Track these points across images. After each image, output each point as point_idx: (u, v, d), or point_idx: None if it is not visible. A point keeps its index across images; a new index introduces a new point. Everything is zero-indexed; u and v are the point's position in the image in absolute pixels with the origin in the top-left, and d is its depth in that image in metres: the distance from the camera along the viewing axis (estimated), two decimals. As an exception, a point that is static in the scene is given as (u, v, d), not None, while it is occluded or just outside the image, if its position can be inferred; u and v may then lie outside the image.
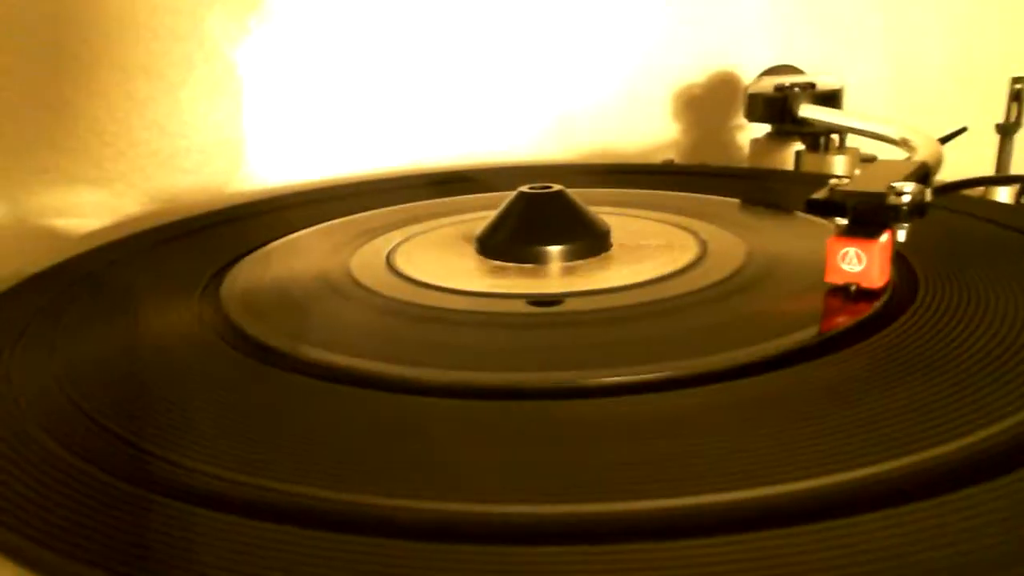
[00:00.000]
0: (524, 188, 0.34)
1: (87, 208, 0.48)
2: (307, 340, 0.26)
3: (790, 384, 0.21)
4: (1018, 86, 0.45)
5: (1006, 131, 0.45)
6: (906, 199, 0.27)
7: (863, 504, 0.16)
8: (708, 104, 0.66)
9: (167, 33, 0.49)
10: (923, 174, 0.30)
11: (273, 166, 0.53)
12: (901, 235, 0.28)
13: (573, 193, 0.35)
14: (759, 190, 0.44)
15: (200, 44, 0.50)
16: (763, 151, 0.54)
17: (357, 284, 0.31)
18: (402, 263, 0.33)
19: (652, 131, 0.66)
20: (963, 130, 0.47)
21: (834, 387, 0.21)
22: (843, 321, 0.25)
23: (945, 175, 0.46)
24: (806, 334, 0.24)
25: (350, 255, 0.35)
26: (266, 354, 0.25)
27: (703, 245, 0.33)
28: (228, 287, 0.31)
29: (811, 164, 0.50)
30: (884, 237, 0.27)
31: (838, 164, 0.50)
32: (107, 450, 0.20)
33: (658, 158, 0.64)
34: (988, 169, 0.47)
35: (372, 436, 0.20)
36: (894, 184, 0.27)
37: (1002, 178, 0.40)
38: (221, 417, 0.21)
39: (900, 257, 0.30)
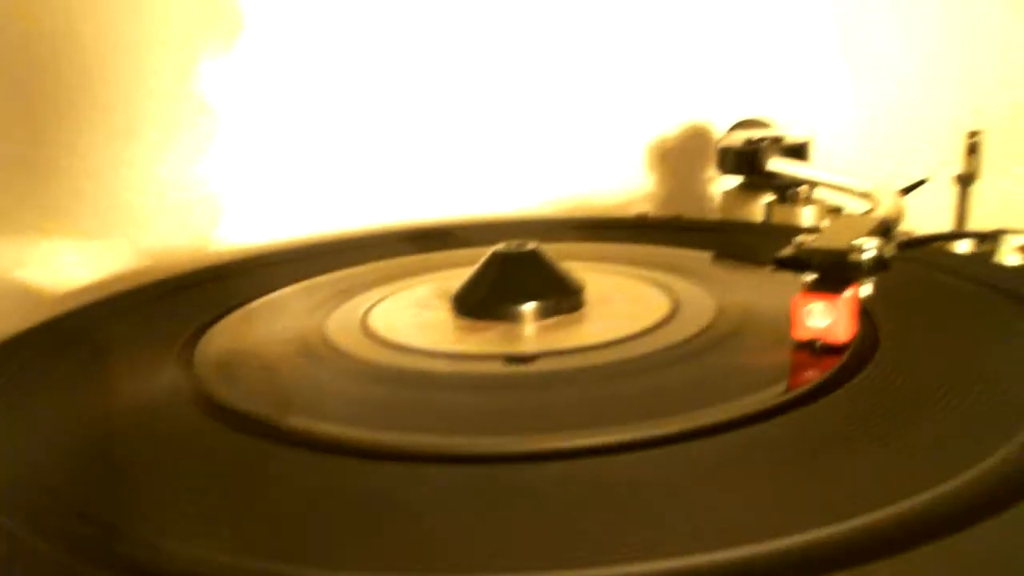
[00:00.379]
0: (499, 247, 0.34)
1: (66, 268, 0.48)
2: (282, 408, 0.26)
3: (754, 444, 0.22)
4: (973, 139, 0.46)
5: (964, 182, 0.47)
6: (868, 255, 0.28)
7: (822, 565, 0.16)
8: (681, 156, 0.68)
9: (149, 95, 0.49)
10: (885, 229, 0.31)
11: (253, 225, 0.54)
12: (865, 290, 0.29)
13: (548, 248, 0.35)
14: (730, 243, 0.45)
15: (182, 106, 0.50)
16: (734, 203, 0.55)
17: (333, 348, 0.31)
18: (378, 324, 0.33)
19: (627, 183, 0.67)
20: (924, 181, 0.48)
21: (796, 446, 0.22)
22: (806, 380, 0.26)
23: (909, 224, 0.48)
24: (768, 394, 0.25)
25: (326, 317, 0.35)
26: (240, 422, 0.25)
27: (675, 301, 0.34)
28: (202, 352, 0.31)
29: (780, 215, 0.51)
30: (848, 292, 0.28)
31: (806, 215, 0.51)
32: (77, 532, 0.19)
33: (635, 209, 0.65)
34: (949, 217, 0.48)
35: (349, 506, 0.20)
36: (856, 241, 0.28)
37: (961, 233, 0.41)
38: (196, 493, 0.21)
39: (861, 309, 0.31)
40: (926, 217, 0.50)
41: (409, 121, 0.58)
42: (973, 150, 0.46)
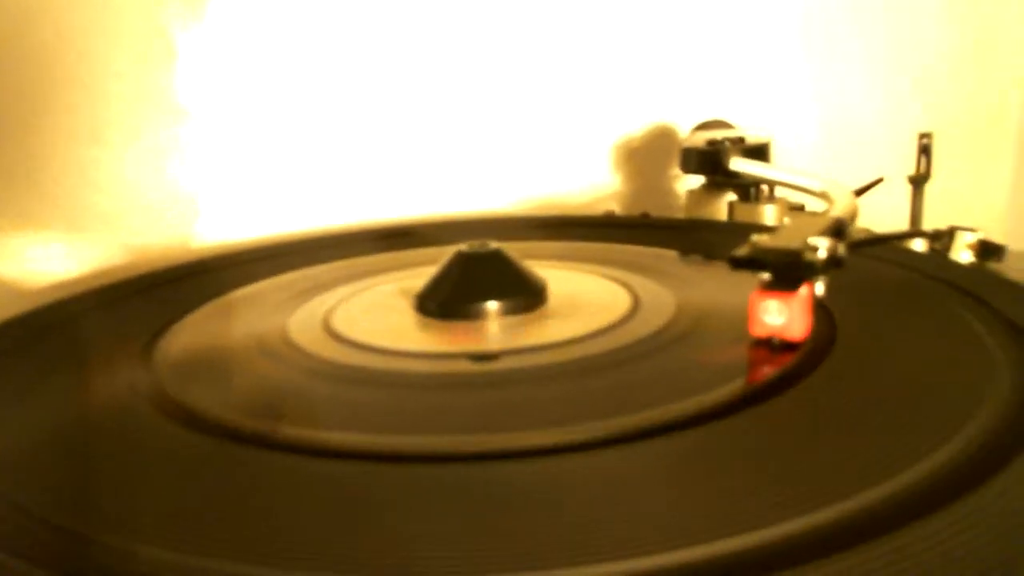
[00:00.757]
0: (462, 247, 0.35)
1: (32, 270, 0.47)
2: (242, 408, 0.26)
3: (712, 441, 0.22)
4: (925, 140, 0.48)
5: (917, 183, 0.48)
6: (821, 254, 0.28)
7: (778, 560, 0.16)
8: (647, 155, 0.69)
9: (114, 98, 0.49)
10: (838, 228, 0.32)
11: (218, 224, 0.53)
12: (819, 288, 0.29)
13: (514, 247, 0.36)
14: (694, 241, 0.46)
15: (146, 108, 0.50)
16: (698, 201, 0.56)
17: (294, 347, 0.31)
18: (341, 324, 0.33)
19: (595, 182, 0.68)
20: (879, 181, 0.49)
21: (753, 442, 0.22)
22: (763, 375, 0.26)
23: (866, 222, 0.49)
24: (725, 390, 0.25)
25: (289, 315, 0.35)
26: (201, 424, 0.25)
27: (636, 299, 0.34)
28: (163, 352, 0.31)
29: (743, 214, 0.52)
30: (803, 291, 0.28)
31: (768, 214, 0.52)
32: (37, 540, 0.19)
33: (602, 207, 0.66)
34: (905, 216, 0.50)
35: (315, 507, 0.20)
36: (810, 240, 0.29)
37: (914, 232, 0.43)
38: (159, 495, 0.21)
39: (820, 305, 0.32)
40: (885, 216, 0.51)
41: (375, 121, 0.58)
42: (925, 151, 0.48)
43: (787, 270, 0.28)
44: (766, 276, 0.29)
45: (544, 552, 0.17)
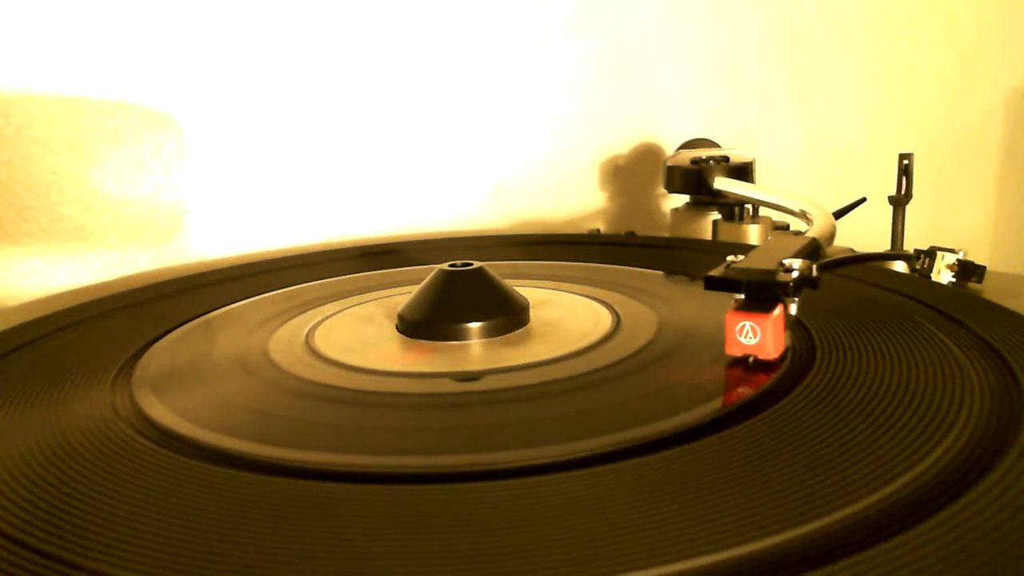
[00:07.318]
0: (444, 266, 0.35)
1: (7, 285, 0.47)
2: (221, 428, 0.26)
3: (688, 460, 0.22)
4: (905, 162, 0.48)
5: (897, 203, 0.49)
6: (794, 275, 0.29)
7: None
8: (633, 174, 0.69)
9: (93, 109, 0.49)
10: (813, 249, 0.32)
11: (200, 240, 0.53)
12: (793, 308, 0.30)
13: (498, 266, 0.36)
14: (677, 260, 0.46)
15: (127, 120, 0.50)
16: (682, 220, 0.56)
17: (274, 366, 0.31)
18: (322, 343, 0.33)
19: (581, 200, 0.68)
20: (862, 200, 0.50)
21: (730, 462, 0.22)
22: (739, 395, 0.26)
23: (850, 242, 0.49)
24: (703, 410, 0.25)
25: (270, 334, 0.35)
26: (179, 444, 0.25)
27: (618, 319, 0.34)
28: (142, 372, 0.31)
29: (727, 233, 0.53)
30: (776, 311, 0.28)
31: (752, 233, 0.52)
32: (13, 563, 0.19)
33: (587, 225, 0.66)
34: (887, 236, 0.50)
35: (293, 528, 0.20)
36: (783, 261, 0.29)
37: (890, 255, 0.43)
38: (133, 517, 0.21)
39: (800, 325, 0.32)
40: (869, 236, 0.52)
41: (360, 136, 0.58)
42: (905, 172, 0.48)
43: (760, 290, 0.28)
44: (740, 296, 0.29)
45: (521, 571, 0.17)
